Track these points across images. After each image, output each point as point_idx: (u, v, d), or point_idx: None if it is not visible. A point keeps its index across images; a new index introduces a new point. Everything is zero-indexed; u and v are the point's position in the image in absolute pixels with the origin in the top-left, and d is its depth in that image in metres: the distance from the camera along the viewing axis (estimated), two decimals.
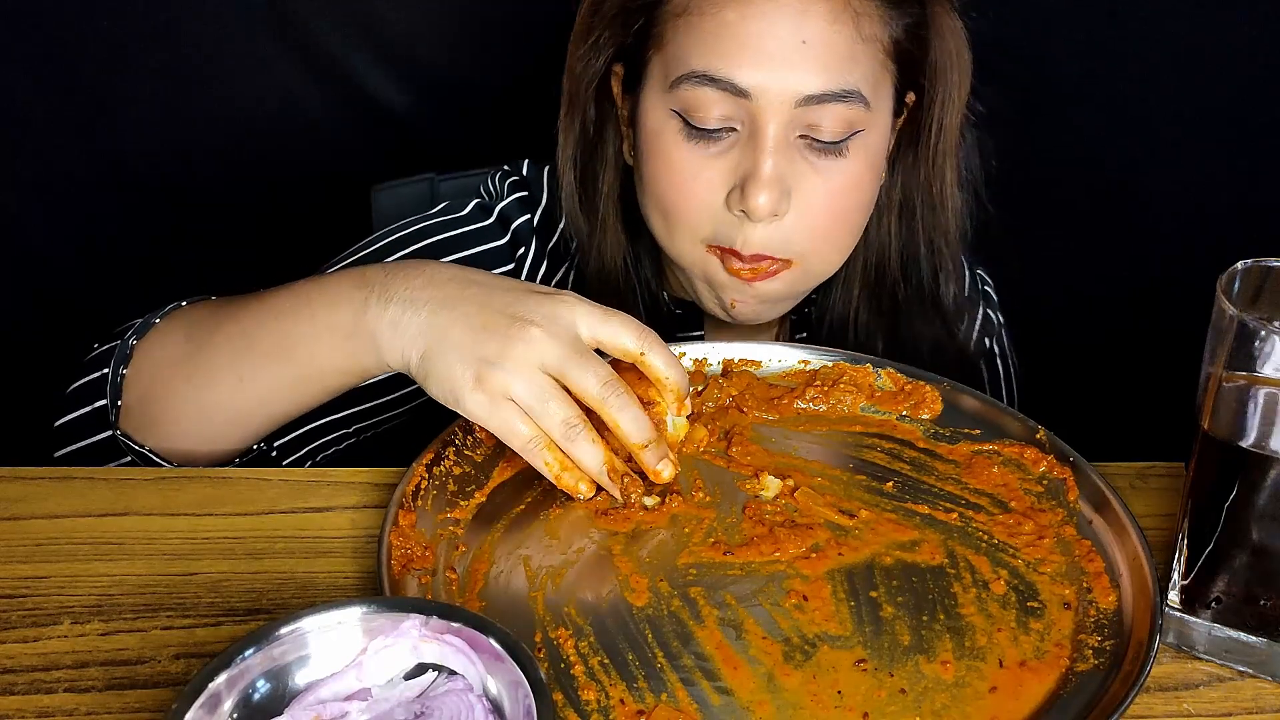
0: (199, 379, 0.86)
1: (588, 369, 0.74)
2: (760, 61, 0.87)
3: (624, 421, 0.75)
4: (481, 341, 0.74)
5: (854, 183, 0.93)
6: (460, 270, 0.79)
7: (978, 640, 0.69)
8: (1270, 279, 0.67)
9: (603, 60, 0.97)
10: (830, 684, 0.66)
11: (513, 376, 0.73)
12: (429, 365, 0.76)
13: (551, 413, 0.74)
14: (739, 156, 0.90)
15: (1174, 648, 0.71)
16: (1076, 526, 0.78)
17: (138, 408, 0.88)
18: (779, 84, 0.87)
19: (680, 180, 0.92)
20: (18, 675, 0.66)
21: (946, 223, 1.03)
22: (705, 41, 0.89)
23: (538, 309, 0.74)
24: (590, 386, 0.74)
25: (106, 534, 0.77)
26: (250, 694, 0.55)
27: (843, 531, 0.77)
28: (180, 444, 0.88)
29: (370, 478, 0.83)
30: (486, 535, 0.76)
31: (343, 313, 0.79)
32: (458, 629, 0.56)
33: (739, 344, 0.93)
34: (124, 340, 0.89)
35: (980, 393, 0.89)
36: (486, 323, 0.74)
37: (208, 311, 0.89)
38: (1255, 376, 0.64)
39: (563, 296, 0.76)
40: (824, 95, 0.88)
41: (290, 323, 0.82)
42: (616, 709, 0.64)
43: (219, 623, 0.70)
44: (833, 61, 0.88)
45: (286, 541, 0.77)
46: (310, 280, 0.84)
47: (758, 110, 0.88)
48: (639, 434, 0.76)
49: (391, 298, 0.77)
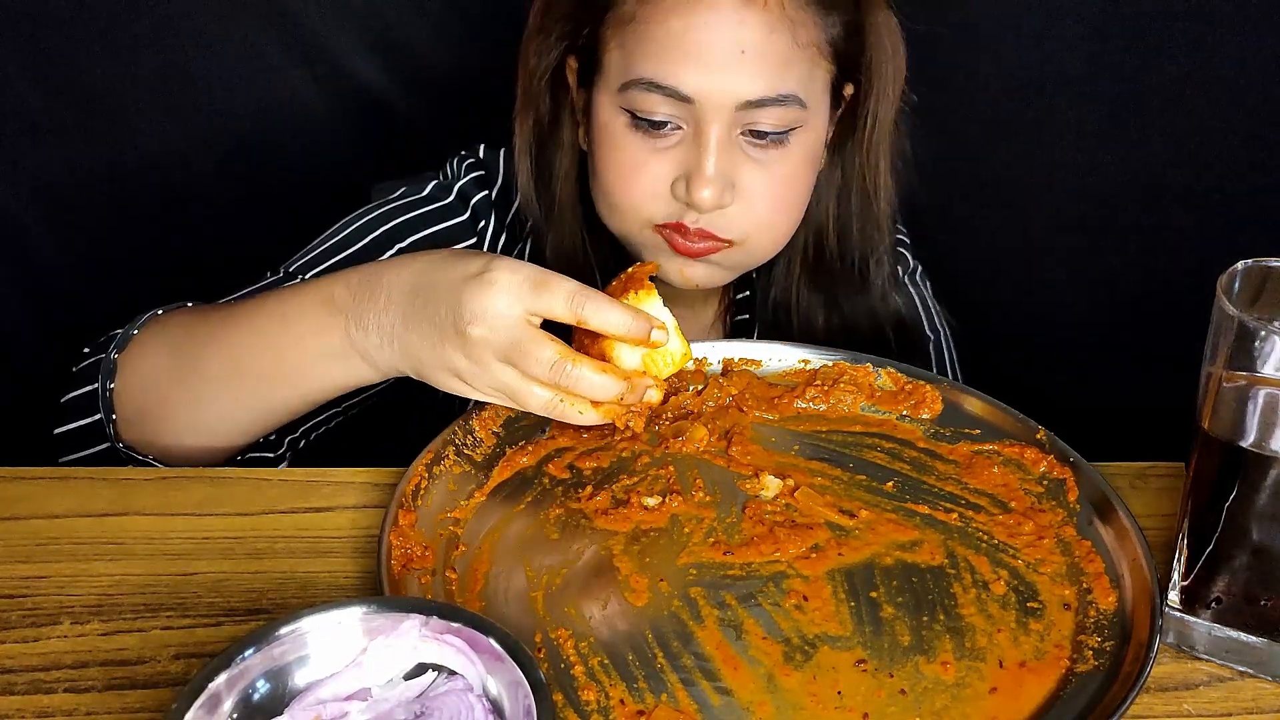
0: (194, 399, 0.87)
1: (530, 355, 0.75)
2: (702, 70, 0.92)
3: (587, 392, 0.76)
4: (446, 355, 0.77)
5: (793, 172, 0.99)
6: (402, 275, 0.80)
7: (978, 641, 0.69)
8: (1270, 279, 0.67)
9: (555, 55, 1.02)
10: (830, 684, 0.66)
11: (486, 373, 0.76)
12: (422, 376, 0.80)
13: (530, 399, 0.76)
14: (684, 153, 0.95)
15: (1174, 648, 0.71)
16: (1076, 527, 0.78)
17: (136, 422, 0.89)
18: (720, 90, 0.92)
19: (628, 170, 0.97)
20: (18, 675, 0.66)
21: (879, 207, 1.08)
22: (651, 50, 0.93)
23: (471, 306, 0.75)
24: (540, 373, 0.75)
25: (106, 534, 0.77)
26: (250, 694, 0.55)
27: (843, 531, 0.77)
28: (183, 451, 0.89)
29: (370, 478, 0.83)
30: (486, 535, 0.76)
31: (327, 339, 0.82)
32: (458, 629, 0.56)
33: (739, 344, 0.94)
34: (107, 355, 0.90)
35: (981, 393, 0.89)
36: (441, 335, 0.76)
37: (187, 327, 0.90)
38: (1255, 376, 0.64)
39: (494, 278, 0.75)
40: (762, 100, 0.93)
41: (278, 348, 0.84)
42: (616, 709, 0.64)
43: (219, 623, 0.70)
44: (770, 68, 0.93)
45: (286, 541, 0.77)
46: (279, 298, 0.85)
47: (701, 113, 0.93)
48: (606, 394, 0.77)
49: (365, 325, 0.80)
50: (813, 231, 1.09)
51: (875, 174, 1.06)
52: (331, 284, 0.82)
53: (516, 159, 1.07)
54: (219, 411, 0.87)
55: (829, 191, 1.08)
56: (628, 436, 0.85)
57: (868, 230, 1.09)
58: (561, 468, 0.83)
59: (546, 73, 1.02)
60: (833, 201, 1.08)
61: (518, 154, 1.06)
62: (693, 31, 0.92)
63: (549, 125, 1.05)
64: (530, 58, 1.02)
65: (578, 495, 0.80)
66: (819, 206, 1.08)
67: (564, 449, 0.85)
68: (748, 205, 0.97)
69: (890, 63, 1.01)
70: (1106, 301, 1.50)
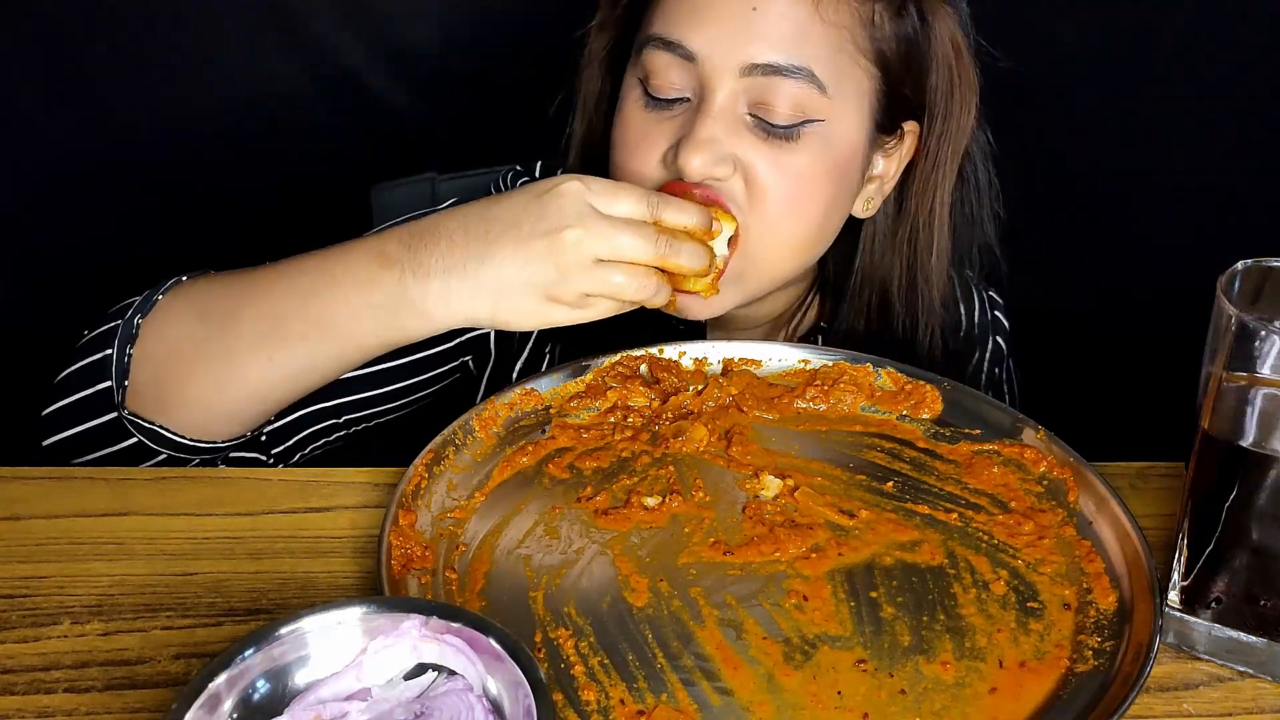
0: (223, 359, 0.86)
1: (631, 237, 0.79)
2: (708, 25, 0.89)
3: (684, 261, 0.83)
4: (535, 273, 0.79)
5: (804, 171, 0.92)
6: (466, 215, 0.82)
7: (978, 641, 0.69)
8: (1270, 279, 0.67)
9: (606, 40, 1.01)
10: (830, 684, 0.66)
11: (577, 276, 0.79)
12: (500, 316, 0.81)
13: (639, 256, 0.80)
14: (684, 120, 0.92)
15: (1174, 648, 0.71)
16: (1076, 527, 0.78)
17: (150, 387, 0.87)
18: (724, 48, 0.89)
19: (631, 142, 0.95)
20: (18, 675, 0.66)
21: (929, 261, 1.01)
22: (666, 7, 0.92)
23: (559, 213, 0.78)
24: (642, 252, 0.80)
25: (106, 534, 0.77)
26: (250, 694, 0.55)
27: (843, 531, 0.77)
28: (195, 420, 0.87)
29: (370, 478, 0.83)
30: (486, 535, 0.76)
31: (379, 292, 0.82)
32: (458, 629, 0.56)
33: (739, 343, 0.93)
34: (127, 320, 0.88)
35: (980, 393, 0.89)
36: (529, 252, 0.78)
37: (217, 289, 0.89)
38: (1255, 376, 0.64)
39: (571, 187, 0.79)
40: (770, 66, 0.89)
41: (322, 304, 0.83)
42: (616, 709, 0.64)
43: (219, 623, 0.70)
44: (781, 34, 0.89)
45: (286, 541, 0.77)
46: (324, 256, 0.85)
47: (704, 75, 0.90)
48: (699, 264, 0.84)
49: (428, 271, 0.80)
50: (877, 289, 1.02)
51: (930, 220, 0.99)
52: (382, 240, 0.83)
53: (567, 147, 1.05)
54: (248, 372, 0.85)
55: (890, 241, 1.01)
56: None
57: (915, 285, 1.01)
58: (561, 468, 0.83)
59: (596, 59, 1.01)
60: (902, 258, 1.01)
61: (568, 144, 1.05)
62: None
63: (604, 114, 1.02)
64: (589, 42, 1.01)
65: (578, 495, 0.80)
66: (882, 260, 1.01)
67: (564, 449, 0.85)
68: (751, 187, 0.91)
69: (955, 95, 0.95)
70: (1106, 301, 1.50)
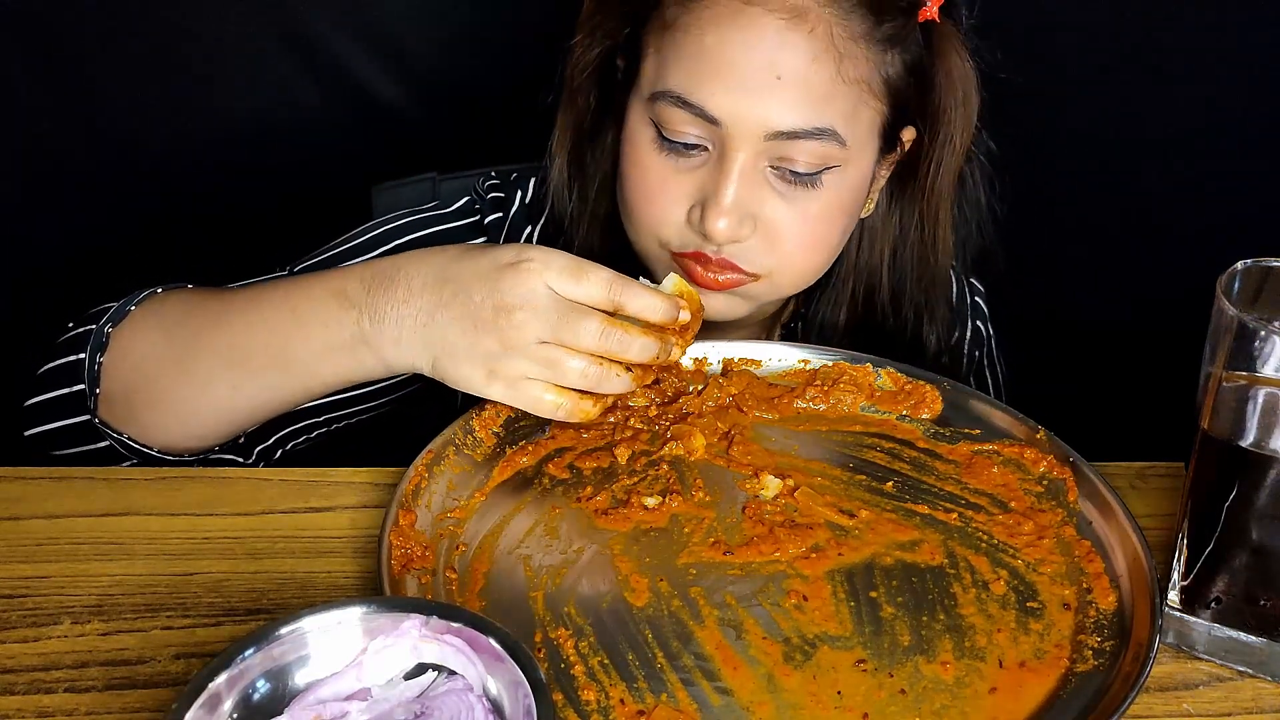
0: (188, 383, 0.86)
1: (579, 327, 0.78)
2: (732, 92, 0.87)
3: (632, 355, 0.80)
4: (478, 341, 0.78)
5: (824, 213, 0.92)
6: (428, 266, 0.80)
7: (977, 641, 0.69)
8: (1270, 279, 0.67)
9: (598, 51, 0.98)
10: (830, 684, 0.66)
11: (518, 361, 0.78)
12: (442, 371, 0.80)
13: (569, 371, 0.78)
14: (705, 176, 0.90)
15: (1174, 648, 0.71)
16: (1076, 526, 0.78)
17: (120, 399, 0.87)
18: (749, 116, 0.87)
19: (648, 187, 0.93)
20: (18, 675, 0.66)
21: (936, 262, 1.02)
22: (683, 63, 0.89)
23: (513, 290, 0.77)
24: (589, 343, 0.78)
25: (106, 534, 0.77)
26: (250, 694, 0.55)
27: (843, 531, 0.77)
28: (162, 436, 0.88)
29: (370, 478, 0.83)
30: (486, 535, 0.76)
31: (337, 332, 0.81)
32: (458, 629, 0.56)
33: (739, 344, 0.93)
34: (99, 326, 0.88)
35: (980, 393, 0.89)
36: (476, 321, 0.77)
37: (187, 308, 0.89)
38: (1255, 376, 0.64)
39: (530, 266, 0.77)
40: (795, 132, 0.87)
41: (283, 339, 0.83)
42: (616, 709, 0.64)
43: (219, 623, 0.70)
44: (808, 99, 0.87)
45: (286, 541, 0.77)
46: (289, 290, 0.84)
47: (727, 137, 0.88)
48: (648, 356, 0.81)
49: (382, 317, 0.80)
50: (864, 284, 1.03)
51: (935, 226, 1.00)
52: (343, 278, 0.82)
53: (552, 154, 1.03)
54: (212, 398, 0.86)
55: (885, 241, 1.02)
56: (642, 405, 0.87)
57: (923, 285, 1.03)
58: (561, 468, 0.83)
59: (590, 68, 0.99)
60: (889, 252, 1.02)
61: (555, 147, 1.03)
62: (727, 49, 0.86)
63: (591, 124, 1.02)
64: (577, 48, 0.98)
65: (578, 495, 0.80)
66: (873, 255, 1.02)
67: (564, 449, 0.85)
68: (770, 243, 0.91)
69: (959, 109, 0.95)
70: (1106, 301, 1.50)
